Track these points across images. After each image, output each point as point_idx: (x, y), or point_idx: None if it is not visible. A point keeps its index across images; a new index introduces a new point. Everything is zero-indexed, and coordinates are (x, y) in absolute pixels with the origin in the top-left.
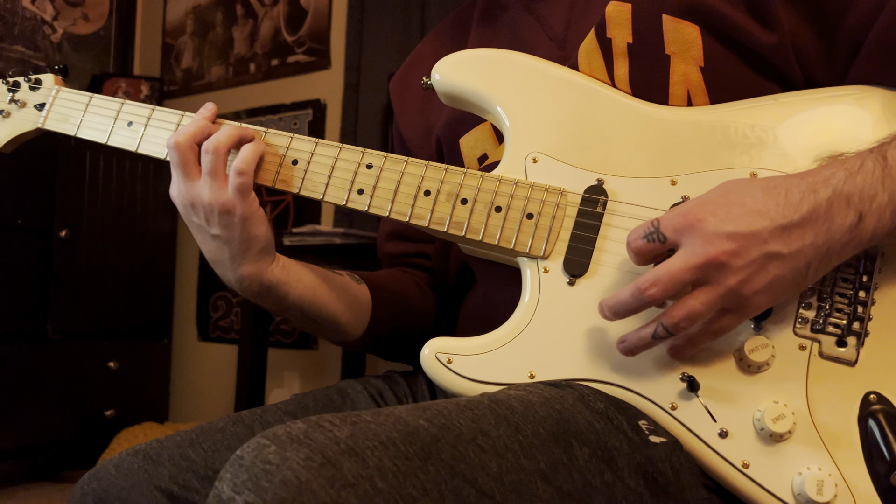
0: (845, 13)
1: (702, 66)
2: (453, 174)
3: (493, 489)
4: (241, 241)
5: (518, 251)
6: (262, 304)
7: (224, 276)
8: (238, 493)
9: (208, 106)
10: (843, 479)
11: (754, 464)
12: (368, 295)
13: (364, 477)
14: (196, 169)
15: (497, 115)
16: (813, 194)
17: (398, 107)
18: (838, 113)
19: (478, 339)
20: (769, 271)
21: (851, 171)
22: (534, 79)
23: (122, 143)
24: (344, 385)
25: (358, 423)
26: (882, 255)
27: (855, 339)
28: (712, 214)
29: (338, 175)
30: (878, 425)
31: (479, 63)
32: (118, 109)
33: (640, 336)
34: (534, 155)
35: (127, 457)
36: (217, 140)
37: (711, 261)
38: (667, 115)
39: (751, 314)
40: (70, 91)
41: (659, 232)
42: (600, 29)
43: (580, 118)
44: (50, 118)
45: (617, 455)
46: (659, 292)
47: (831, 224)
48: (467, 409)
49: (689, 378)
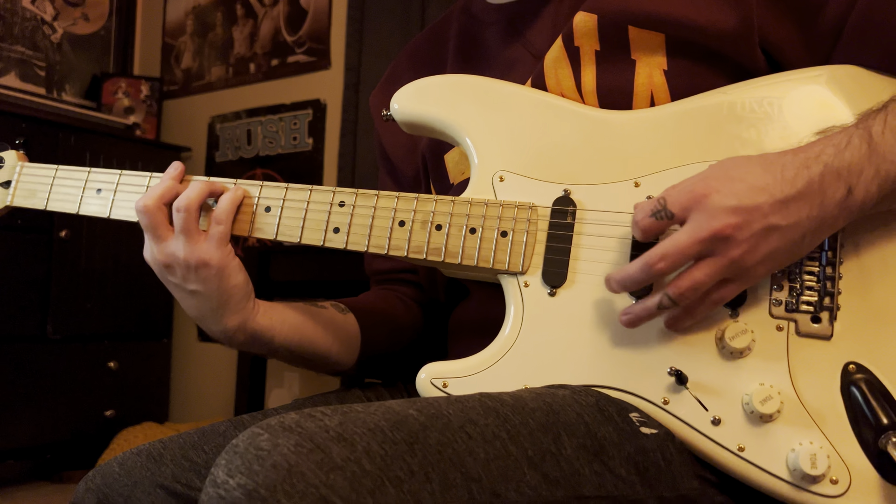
0: (824, 3)
1: (665, 69)
2: (424, 202)
3: (480, 473)
4: (220, 293)
5: (497, 269)
6: (250, 350)
7: (209, 330)
8: (231, 476)
9: (175, 165)
10: (834, 450)
11: (749, 446)
12: (356, 323)
13: (352, 460)
14: (167, 229)
15: (460, 139)
16: (806, 170)
17: (380, 123)
18: (783, 100)
19: (470, 360)
20: (770, 242)
21: (839, 148)
22: (489, 99)
23: (94, 211)
24: (343, 392)
25: (348, 413)
26: (842, 231)
27: (828, 314)
28: (716, 191)
29: (311, 217)
30: (860, 393)
31: (436, 89)
32: (85, 178)
33: (645, 307)
34: (500, 174)
35: (131, 455)
36: (188, 198)
37: (717, 234)
38: (623, 119)
39: (750, 283)
40: (34, 166)
41: (666, 209)
42: (567, 38)
43: (541, 133)
44: (17, 195)
45: (607, 445)
46: (667, 265)
47: (824, 197)
48: (458, 401)
49: (676, 372)
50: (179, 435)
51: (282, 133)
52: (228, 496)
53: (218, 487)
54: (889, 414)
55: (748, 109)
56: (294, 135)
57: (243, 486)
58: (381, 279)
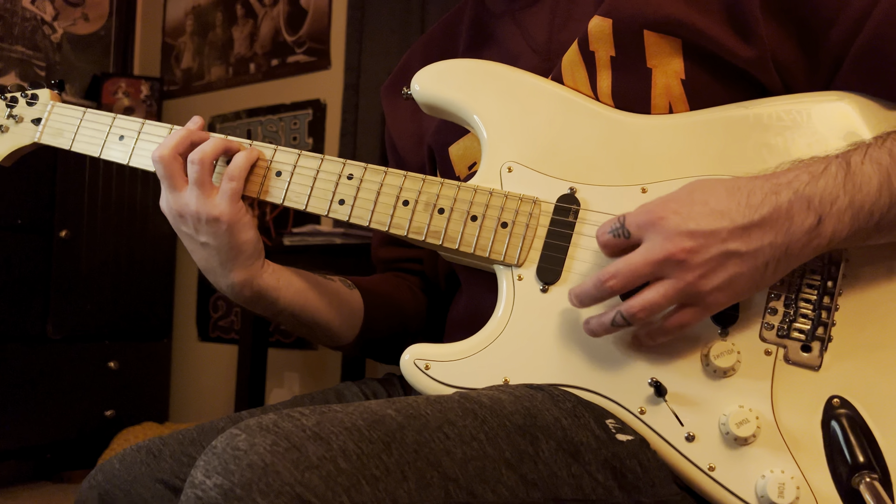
0: (829, 29)
1: (683, 78)
2: (430, 184)
3: (457, 473)
4: (229, 248)
5: (493, 259)
6: (254, 309)
7: (216, 282)
8: (208, 476)
9: (195, 119)
10: (805, 482)
11: (720, 467)
12: (360, 300)
13: (328, 458)
14: (182, 179)
15: (474, 124)
16: (774, 196)
17: (389, 114)
18: (811, 119)
19: (456, 346)
20: (727, 269)
21: (814, 175)
22: (510, 89)
23: (114, 156)
24: (342, 387)
25: (326, 413)
26: (846, 262)
27: (819, 345)
28: (674, 213)
29: (319, 186)
30: (840, 429)
31: (458, 74)
32: (110, 124)
33: (600, 322)
34: (509, 164)
35: (131, 452)
36: (203, 151)
37: (670, 257)
38: (639, 124)
39: (711, 311)
40: (65, 106)
41: (624, 227)
42: (583, 43)
43: (554, 128)
44: (46, 133)
45: (583, 450)
46: (618, 283)
47: (791, 225)
48: (436, 402)
49: (656, 383)
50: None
51: (282, 133)
52: (205, 496)
53: (195, 488)
54: (867, 453)
55: (767, 126)
56: (294, 135)
57: (220, 486)
58: (387, 267)
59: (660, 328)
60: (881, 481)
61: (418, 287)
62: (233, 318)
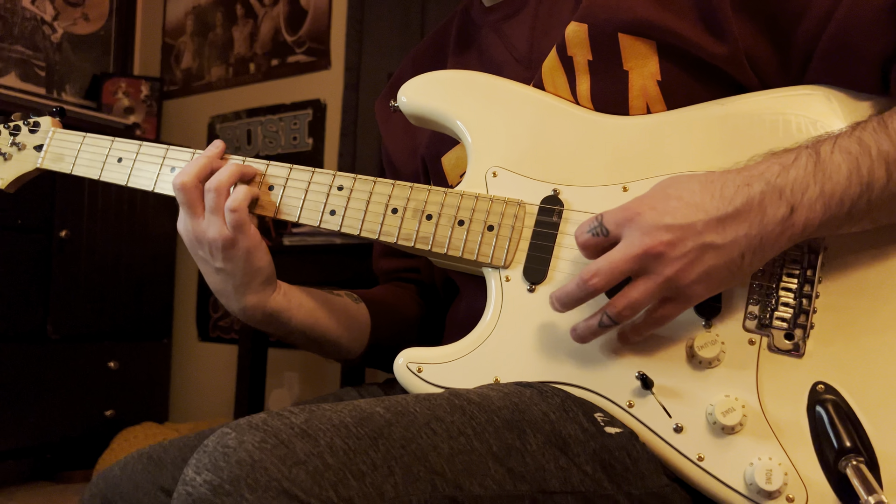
0: (797, 24)
1: (659, 79)
2: (418, 191)
3: (444, 467)
4: (244, 274)
5: (481, 262)
6: (265, 329)
7: (228, 306)
8: (198, 473)
9: (216, 143)
10: (793, 468)
11: (709, 456)
12: (367, 313)
13: (315, 454)
14: (201, 207)
15: (459, 132)
16: (747, 188)
17: (384, 127)
18: (783, 113)
19: (447, 348)
20: (704, 261)
21: (785, 165)
22: (492, 97)
23: (113, 178)
24: (342, 392)
25: (315, 411)
26: (825, 250)
27: (801, 332)
28: (651, 208)
29: (311, 198)
30: (826, 414)
31: (441, 84)
32: (109, 147)
33: (587, 325)
34: (493, 169)
35: (132, 459)
36: (219, 180)
37: (648, 251)
38: (619, 124)
39: (691, 303)
40: (65, 132)
41: (602, 226)
42: (561, 48)
43: (536, 131)
44: (47, 158)
45: (572, 442)
46: (600, 282)
47: (763, 216)
48: (425, 399)
49: (643, 376)
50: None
51: (282, 133)
52: (195, 492)
53: (186, 485)
54: (852, 437)
55: (743, 121)
56: (294, 135)
57: (209, 482)
58: (388, 278)
59: (644, 323)
60: (867, 464)
61: (418, 295)
62: (233, 318)
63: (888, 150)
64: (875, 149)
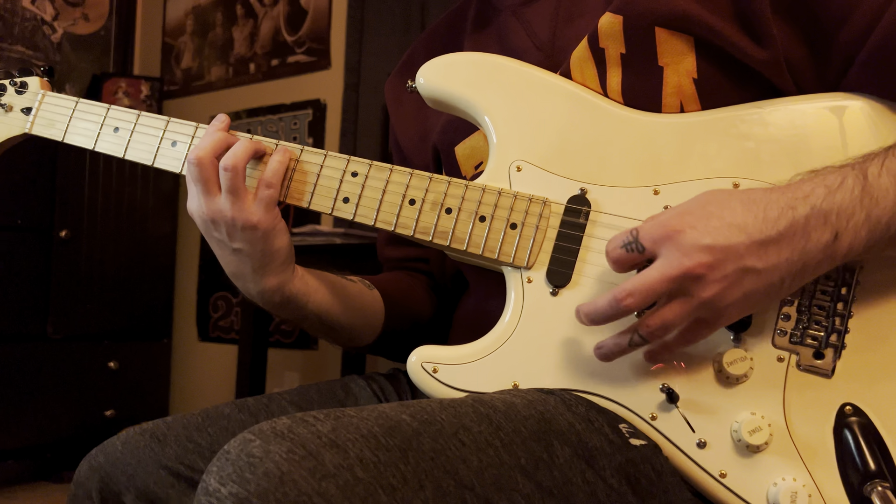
0: (839, 28)
1: (695, 77)
2: (437, 183)
3: (473, 481)
4: (263, 255)
5: (502, 261)
6: (281, 314)
7: (245, 288)
8: (223, 484)
9: (220, 117)
10: (817, 490)
11: (731, 474)
12: (381, 300)
13: (345, 467)
14: (217, 184)
15: (482, 121)
16: (791, 210)
17: (393, 110)
18: (823, 122)
19: (463, 349)
20: (744, 285)
21: (831, 189)
22: (519, 84)
23: (109, 149)
24: (348, 380)
25: (341, 419)
26: (861, 269)
27: (832, 352)
28: (691, 227)
29: (323, 183)
30: (852, 436)
31: (464, 67)
32: (104, 115)
33: (616, 343)
34: (518, 163)
35: (134, 434)
36: (235, 156)
37: (688, 273)
38: (652, 122)
39: (723, 324)
40: (56, 95)
41: (638, 242)
42: (593, 39)
43: (565, 125)
44: (37, 123)
45: (598, 455)
46: (635, 302)
47: (807, 241)
48: (450, 406)
49: (668, 389)
50: (183, 416)
51: (282, 133)
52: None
53: (210, 496)
54: (878, 461)
55: (782, 126)
56: (294, 135)
57: (235, 494)
58: (393, 266)
59: (674, 342)
60: (893, 490)
61: (427, 285)
62: (233, 318)
63: None
64: None
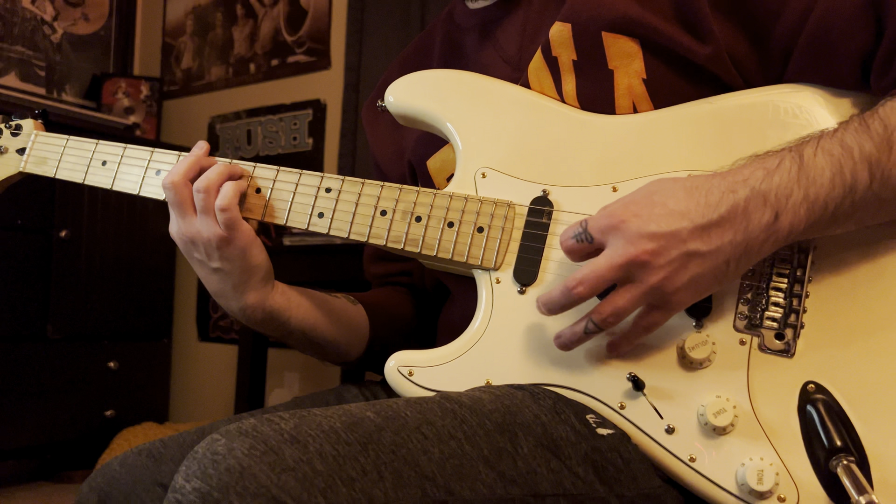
0: (775, 21)
1: (644, 77)
2: (407, 193)
3: (435, 472)
4: (241, 272)
5: (471, 264)
6: (264, 330)
7: (227, 306)
8: (188, 480)
9: (200, 144)
10: (784, 468)
11: (700, 457)
12: (365, 315)
13: (304, 461)
14: (191, 206)
15: (447, 132)
16: (732, 194)
17: (371, 132)
18: (771, 112)
19: (438, 351)
20: (689, 269)
21: (769, 170)
22: (481, 96)
23: (98, 182)
24: (342, 389)
25: (305, 417)
26: (814, 249)
27: (791, 332)
28: (635, 215)
29: (298, 201)
30: (816, 413)
31: (428, 83)
32: (93, 150)
33: (573, 332)
34: (483, 170)
35: (131, 455)
36: (208, 179)
37: (633, 260)
38: (607, 123)
39: (676, 310)
40: (47, 135)
41: (587, 232)
42: (546, 49)
43: (525, 131)
44: (30, 162)
45: (563, 445)
46: (585, 290)
47: (749, 222)
48: (417, 403)
49: (634, 378)
50: (179, 434)
51: (282, 133)
52: (184, 500)
53: (176, 492)
54: (843, 436)
55: (732, 119)
56: (294, 135)
57: (198, 489)
58: (380, 282)
59: (631, 331)
60: (858, 464)
61: (410, 297)
62: (233, 319)
63: (870, 152)
64: (857, 151)
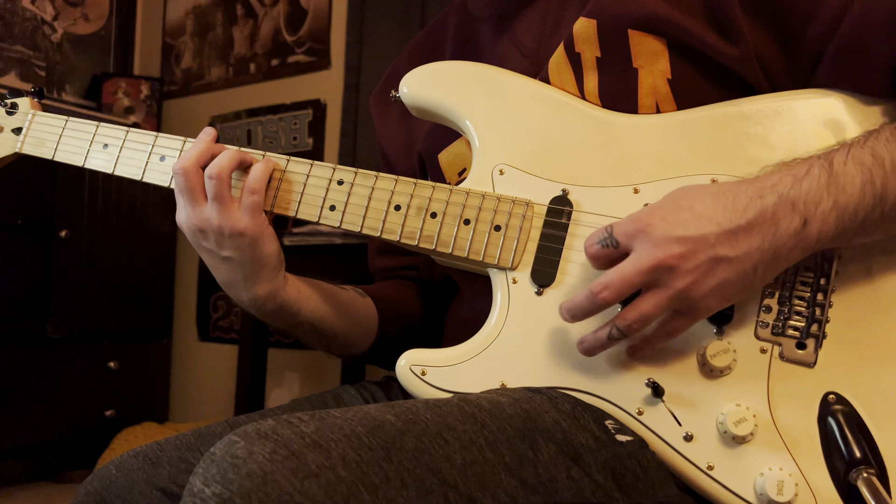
0: (807, 24)
1: (669, 77)
2: (422, 188)
3: (457, 479)
4: (253, 261)
5: (487, 263)
6: (274, 322)
7: (237, 297)
8: (207, 485)
9: (207, 130)
10: (803, 479)
11: (718, 466)
12: (374, 309)
13: (327, 467)
14: (202, 193)
15: (464, 126)
16: (759, 199)
17: (379, 122)
18: (798, 118)
19: (451, 350)
20: (717, 274)
21: (798, 177)
22: (500, 90)
23: (99, 165)
24: (340, 390)
25: (325, 419)
26: (839, 258)
27: (814, 342)
28: (662, 219)
29: (309, 192)
30: (836, 425)
31: (446, 75)
32: (94, 132)
33: (597, 337)
34: (500, 167)
35: (128, 458)
36: (220, 165)
37: (660, 264)
38: (629, 123)
39: (702, 316)
40: (46, 115)
41: (612, 237)
42: (569, 44)
43: (546, 129)
44: (27, 143)
45: (583, 452)
46: (611, 295)
47: (777, 228)
48: (436, 406)
49: (653, 384)
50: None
51: (282, 133)
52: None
53: (194, 497)
54: (863, 448)
55: (757, 123)
56: (294, 135)
57: (218, 494)
58: (385, 276)
59: (655, 336)
60: (878, 476)
61: (418, 291)
62: (233, 318)
63: None
64: (889, 160)
